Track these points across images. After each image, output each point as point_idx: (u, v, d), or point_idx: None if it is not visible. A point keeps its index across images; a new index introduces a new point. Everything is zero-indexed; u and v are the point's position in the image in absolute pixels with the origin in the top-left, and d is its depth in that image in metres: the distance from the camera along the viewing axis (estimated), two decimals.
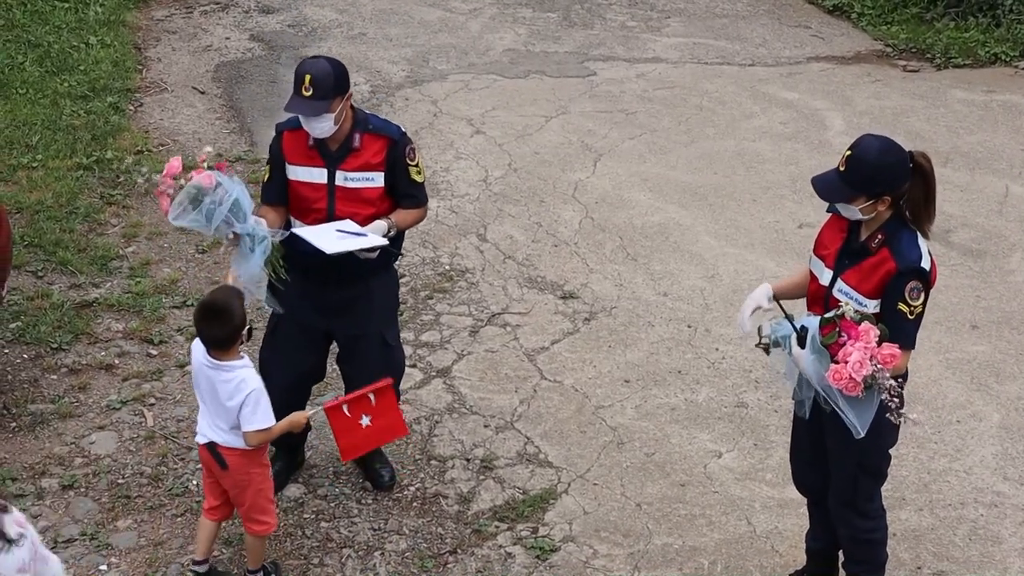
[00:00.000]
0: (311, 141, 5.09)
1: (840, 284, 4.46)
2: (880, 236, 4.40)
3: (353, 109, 5.14)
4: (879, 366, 4.15)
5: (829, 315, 4.27)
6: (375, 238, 5.01)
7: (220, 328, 4.64)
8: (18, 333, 6.53)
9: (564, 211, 8.16)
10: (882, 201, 4.35)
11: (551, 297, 7.21)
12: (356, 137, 5.09)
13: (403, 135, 5.19)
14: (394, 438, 5.11)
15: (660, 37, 11.41)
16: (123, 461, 5.74)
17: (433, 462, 5.86)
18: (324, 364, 5.49)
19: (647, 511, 5.60)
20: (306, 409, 5.21)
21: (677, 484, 5.77)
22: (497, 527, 5.48)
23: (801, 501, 5.14)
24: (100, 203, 7.89)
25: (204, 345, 4.73)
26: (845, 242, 4.50)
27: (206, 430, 4.82)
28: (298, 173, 5.12)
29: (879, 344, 4.17)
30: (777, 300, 4.64)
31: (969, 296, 7.35)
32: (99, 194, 7.99)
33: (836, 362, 4.20)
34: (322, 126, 4.98)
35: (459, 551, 5.33)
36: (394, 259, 5.36)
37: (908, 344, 4.35)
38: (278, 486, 5.56)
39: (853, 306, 4.30)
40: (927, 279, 4.37)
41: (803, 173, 8.49)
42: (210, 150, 5.36)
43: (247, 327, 4.71)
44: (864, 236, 4.45)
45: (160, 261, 7.36)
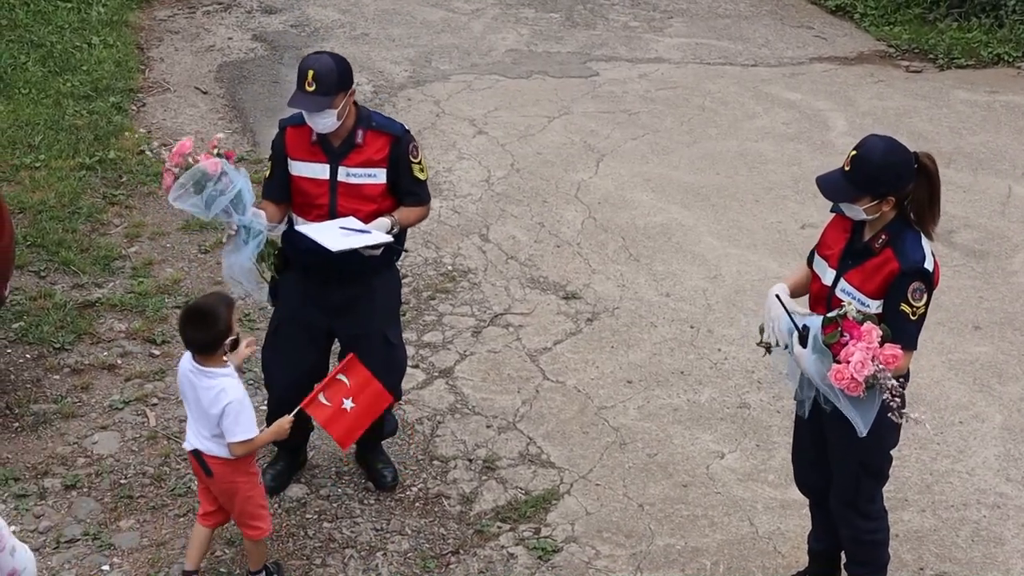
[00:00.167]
0: (314, 137, 5.09)
1: (843, 284, 4.46)
2: (884, 237, 4.39)
3: (357, 106, 5.13)
4: (881, 366, 4.15)
5: (831, 315, 4.27)
6: (379, 235, 5.01)
7: (203, 332, 4.61)
8: (21, 333, 6.54)
9: (566, 211, 8.16)
10: (886, 201, 4.35)
11: (553, 297, 7.21)
12: (359, 133, 5.09)
13: (406, 132, 5.19)
14: (383, 408, 5.02)
15: (662, 37, 11.41)
16: (125, 461, 5.74)
17: (435, 462, 5.86)
18: (327, 363, 5.48)
19: (649, 512, 5.60)
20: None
21: (679, 485, 5.77)
22: (499, 527, 5.48)
23: (803, 502, 5.14)
24: (103, 203, 7.90)
25: (188, 349, 4.72)
26: (848, 242, 4.50)
27: (191, 437, 4.77)
28: (300, 169, 5.12)
29: (881, 345, 4.17)
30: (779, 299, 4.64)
31: (972, 297, 7.35)
32: (102, 194, 8.00)
33: (838, 362, 4.20)
34: (325, 121, 4.98)
35: (461, 551, 5.33)
36: (397, 257, 5.36)
37: (910, 345, 4.35)
38: (280, 486, 5.58)
39: (855, 306, 4.30)
40: (930, 280, 4.37)
41: (805, 174, 8.51)
42: (221, 136, 5.36)
43: (232, 337, 4.64)
44: (868, 236, 4.45)
45: (162, 261, 7.36)
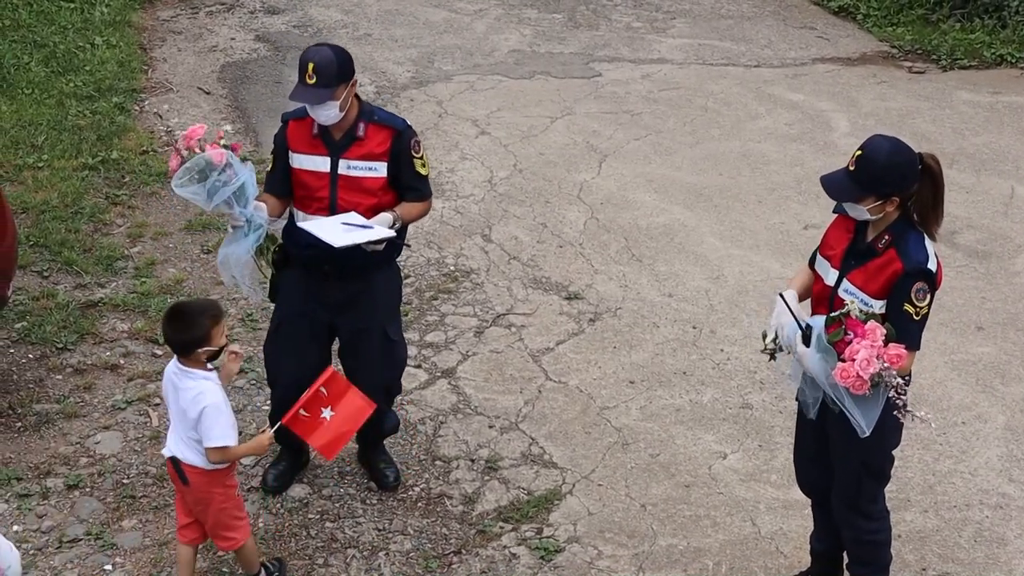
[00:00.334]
0: (315, 130, 5.10)
1: (846, 284, 4.45)
2: (887, 237, 4.39)
3: (359, 100, 5.15)
4: (886, 364, 4.15)
5: (835, 314, 4.27)
6: (381, 230, 5.01)
7: (178, 333, 4.59)
8: (23, 333, 6.54)
9: (569, 212, 8.16)
10: (891, 202, 4.34)
11: (556, 298, 7.20)
12: (361, 126, 5.10)
13: (408, 127, 5.20)
14: (365, 417, 4.97)
15: (665, 38, 11.41)
16: (128, 461, 5.74)
17: (438, 462, 5.86)
18: (329, 359, 5.49)
19: (652, 512, 5.60)
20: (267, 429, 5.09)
21: (682, 485, 5.77)
22: (502, 528, 5.48)
23: (806, 502, 5.14)
24: (105, 203, 7.90)
25: (169, 347, 4.72)
26: (852, 242, 4.50)
27: (171, 443, 4.73)
28: (301, 161, 5.13)
29: (885, 344, 4.17)
30: (783, 299, 4.64)
31: (974, 297, 7.34)
32: (104, 194, 8.00)
33: (843, 360, 4.20)
34: (327, 113, 4.98)
35: (463, 551, 5.33)
36: (398, 253, 5.37)
37: (913, 345, 4.34)
38: (282, 486, 5.58)
39: (859, 305, 4.30)
40: (933, 280, 4.37)
41: (808, 174, 8.51)
42: (228, 129, 5.36)
43: (211, 348, 4.57)
44: (871, 237, 4.45)
45: (165, 261, 7.36)
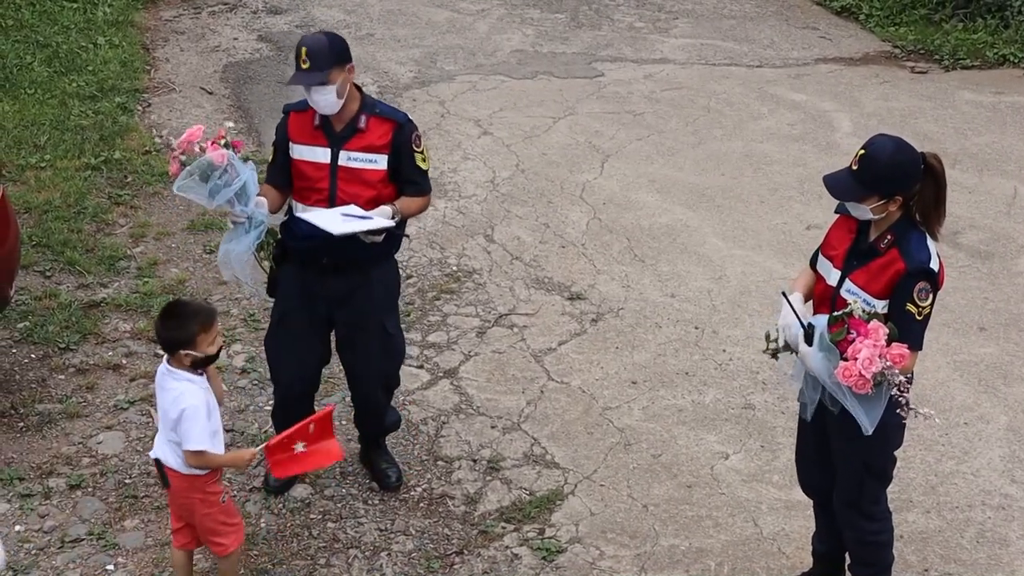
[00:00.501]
0: (316, 121, 5.11)
1: (848, 284, 4.45)
2: (889, 237, 4.39)
3: (361, 93, 5.17)
4: (888, 363, 4.14)
5: (837, 313, 4.27)
6: (381, 220, 5.02)
7: (166, 330, 4.55)
8: (26, 333, 6.55)
9: (571, 212, 8.16)
10: (893, 201, 4.34)
11: (558, 298, 7.20)
12: (362, 118, 5.11)
13: (409, 121, 5.21)
14: (329, 463, 4.96)
15: (668, 38, 11.41)
16: (130, 461, 5.75)
17: (440, 463, 5.86)
18: (329, 351, 5.52)
19: (654, 512, 5.60)
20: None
21: (684, 485, 5.77)
22: (504, 528, 5.48)
23: (808, 503, 5.13)
24: (108, 203, 7.91)
25: (158, 342, 4.73)
26: (854, 243, 4.50)
27: (156, 444, 4.68)
28: (302, 152, 5.14)
29: (888, 343, 4.17)
30: (785, 298, 4.64)
31: (977, 298, 7.34)
32: (107, 194, 8.01)
33: (845, 359, 4.20)
34: (325, 99, 4.99)
35: (465, 552, 5.33)
36: (397, 247, 5.37)
37: (916, 345, 4.34)
38: (284, 486, 5.58)
39: (861, 304, 4.30)
40: (935, 280, 4.37)
41: (811, 174, 8.50)
42: (230, 125, 5.36)
43: (197, 356, 4.51)
44: (873, 236, 4.44)
45: (168, 261, 7.37)
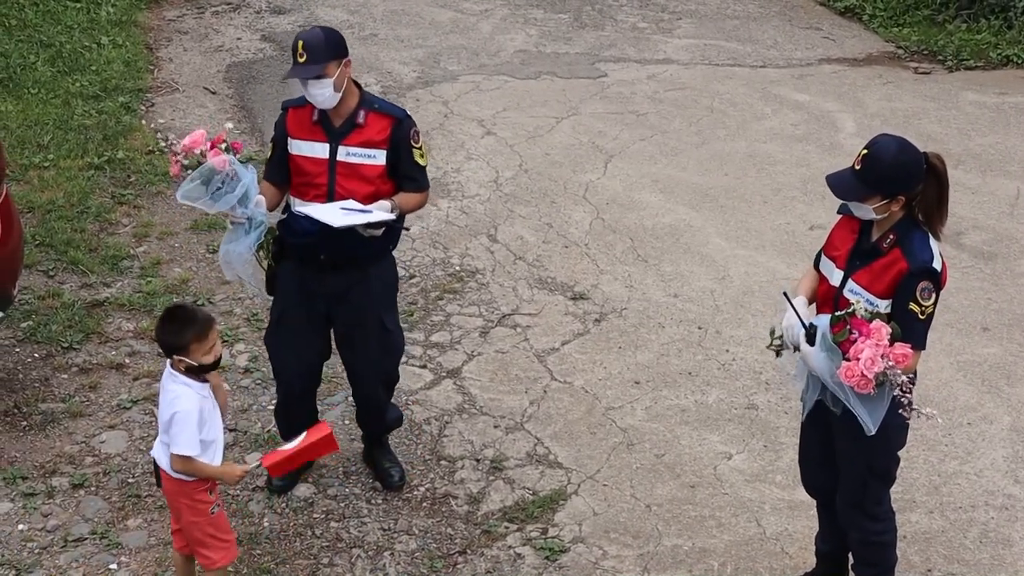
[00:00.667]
0: (315, 116, 5.12)
1: (851, 284, 4.45)
2: (892, 237, 4.39)
3: (360, 88, 5.18)
4: (891, 363, 4.14)
5: (840, 313, 4.27)
6: (381, 213, 5.04)
7: (163, 333, 4.54)
8: (29, 332, 6.55)
9: (575, 212, 8.16)
10: (896, 201, 4.34)
11: (561, 298, 7.20)
12: (360, 114, 5.13)
13: (408, 116, 5.22)
14: (323, 453, 4.98)
15: (671, 38, 11.41)
16: (133, 460, 5.75)
17: (443, 462, 5.86)
18: (329, 347, 5.53)
19: (657, 512, 5.60)
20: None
21: (687, 485, 5.77)
22: (507, 528, 5.48)
23: (811, 503, 5.13)
24: (111, 203, 7.91)
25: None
26: (856, 243, 4.50)
27: (156, 444, 4.67)
28: (300, 148, 5.15)
29: (891, 343, 4.17)
30: (787, 298, 4.64)
31: (980, 298, 7.33)
32: (110, 194, 8.01)
33: (848, 359, 4.20)
34: (322, 92, 5.00)
35: (468, 551, 5.33)
36: (395, 242, 5.38)
37: (919, 344, 4.34)
38: (288, 486, 5.58)
39: (864, 304, 4.30)
40: (938, 280, 4.37)
41: (814, 175, 8.49)
42: (230, 126, 5.36)
43: (191, 363, 4.49)
44: (875, 236, 4.44)
45: (171, 261, 7.37)
